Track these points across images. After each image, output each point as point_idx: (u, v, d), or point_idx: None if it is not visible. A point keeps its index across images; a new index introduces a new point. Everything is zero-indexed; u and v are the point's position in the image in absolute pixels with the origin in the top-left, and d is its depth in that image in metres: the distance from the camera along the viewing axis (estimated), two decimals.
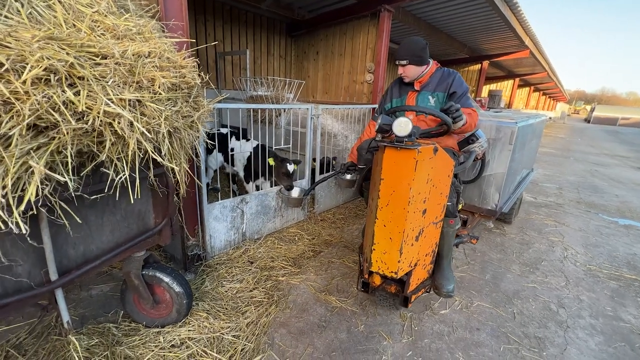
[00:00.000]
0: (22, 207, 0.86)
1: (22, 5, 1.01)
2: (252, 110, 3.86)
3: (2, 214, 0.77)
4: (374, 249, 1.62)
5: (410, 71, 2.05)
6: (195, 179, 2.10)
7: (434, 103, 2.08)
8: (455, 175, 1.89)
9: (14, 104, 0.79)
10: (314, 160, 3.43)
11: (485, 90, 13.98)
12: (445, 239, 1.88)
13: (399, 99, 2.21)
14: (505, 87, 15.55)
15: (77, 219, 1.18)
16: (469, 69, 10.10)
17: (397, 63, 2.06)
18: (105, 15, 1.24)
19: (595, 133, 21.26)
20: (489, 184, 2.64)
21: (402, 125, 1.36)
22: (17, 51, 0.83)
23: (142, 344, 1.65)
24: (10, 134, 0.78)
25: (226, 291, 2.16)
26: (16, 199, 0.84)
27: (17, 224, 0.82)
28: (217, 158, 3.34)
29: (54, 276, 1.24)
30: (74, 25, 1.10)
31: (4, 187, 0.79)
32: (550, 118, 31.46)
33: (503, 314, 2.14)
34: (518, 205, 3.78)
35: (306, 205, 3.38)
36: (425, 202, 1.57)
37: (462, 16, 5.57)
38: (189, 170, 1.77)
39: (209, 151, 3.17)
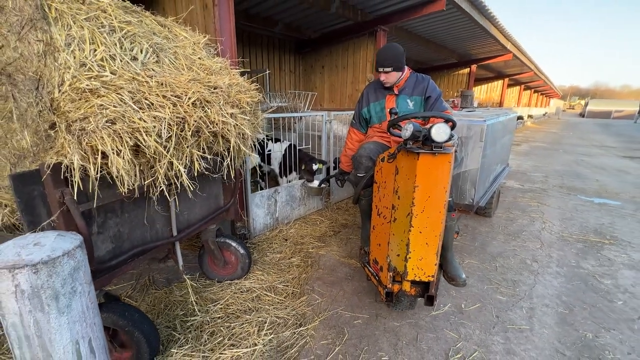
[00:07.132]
0: (181, 176, 1.49)
1: (166, 58, 1.66)
2: (273, 118, 4.53)
3: (185, 178, 1.39)
4: (409, 258, 1.60)
5: (392, 77, 2.12)
6: (242, 172, 2.73)
7: (413, 106, 2.20)
8: None
9: (185, 118, 1.43)
10: (327, 162, 4.08)
11: (477, 91, 14.69)
12: (449, 232, 1.93)
13: (377, 102, 2.29)
14: (495, 87, 16.31)
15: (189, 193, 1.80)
16: (458, 72, 10.83)
17: (381, 70, 2.09)
18: (202, 59, 1.89)
19: (588, 127, 21.92)
20: (464, 180, 2.75)
21: (442, 131, 1.40)
22: (182, 89, 1.47)
23: (220, 290, 2.26)
24: (186, 135, 1.42)
25: (270, 259, 2.76)
26: (179, 173, 1.47)
27: (187, 186, 1.45)
28: (251, 160, 3.99)
29: (175, 232, 1.86)
30: (190, 67, 1.75)
31: (182, 165, 1.42)
32: (544, 114, 32.25)
33: (488, 267, 2.74)
34: (497, 200, 3.95)
35: (324, 195, 4.00)
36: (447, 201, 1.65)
37: (448, 28, 6.29)
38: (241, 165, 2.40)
39: None
